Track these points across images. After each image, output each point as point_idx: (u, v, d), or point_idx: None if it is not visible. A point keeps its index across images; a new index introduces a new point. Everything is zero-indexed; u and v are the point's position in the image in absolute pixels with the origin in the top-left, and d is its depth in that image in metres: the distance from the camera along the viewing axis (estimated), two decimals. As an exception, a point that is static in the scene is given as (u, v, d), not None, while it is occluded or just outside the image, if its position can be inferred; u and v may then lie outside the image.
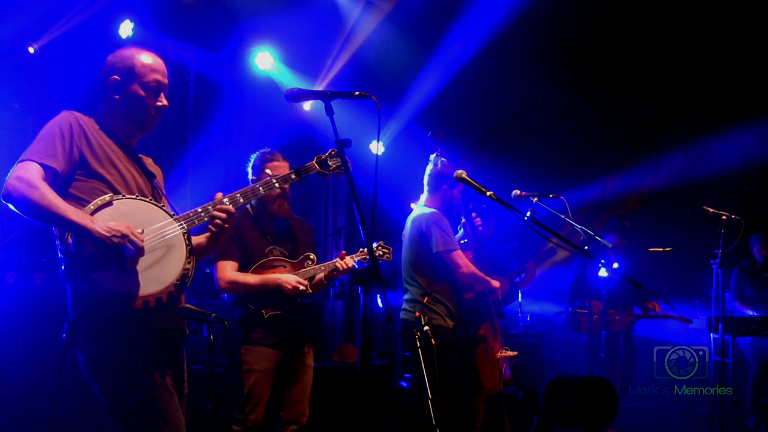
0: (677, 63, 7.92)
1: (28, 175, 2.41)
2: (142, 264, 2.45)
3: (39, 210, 2.38)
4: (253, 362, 3.95)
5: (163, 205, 2.63)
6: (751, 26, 7.35)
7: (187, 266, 2.57)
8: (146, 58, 2.75)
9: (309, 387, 4.13)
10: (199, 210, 2.69)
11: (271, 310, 3.97)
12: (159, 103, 2.74)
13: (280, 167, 3.96)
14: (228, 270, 3.92)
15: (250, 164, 4.13)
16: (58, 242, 2.47)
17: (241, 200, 2.78)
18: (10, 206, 2.42)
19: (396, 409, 5.97)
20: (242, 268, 3.97)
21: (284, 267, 4.03)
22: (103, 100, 2.76)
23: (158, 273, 2.49)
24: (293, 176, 2.94)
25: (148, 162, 2.90)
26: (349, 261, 4.06)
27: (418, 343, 4.00)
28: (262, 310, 3.95)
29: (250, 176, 4.11)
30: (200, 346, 5.65)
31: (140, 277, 2.45)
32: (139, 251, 2.43)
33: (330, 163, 3.02)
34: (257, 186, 2.86)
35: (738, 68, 7.75)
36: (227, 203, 2.72)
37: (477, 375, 4.86)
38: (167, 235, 2.57)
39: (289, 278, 3.94)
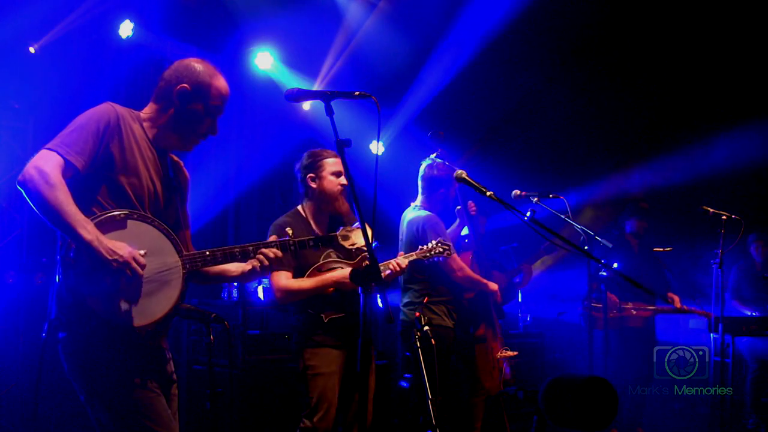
0: (678, 63, 7.92)
1: (48, 168, 2.34)
2: (132, 293, 2.43)
3: (49, 210, 2.32)
4: (320, 365, 3.76)
5: (173, 237, 2.59)
6: (751, 27, 7.35)
7: (173, 308, 2.55)
8: (222, 84, 2.72)
9: (372, 392, 3.98)
10: (207, 253, 2.67)
11: (332, 313, 3.82)
12: (211, 131, 2.73)
13: (335, 164, 3.93)
14: (282, 279, 3.80)
15: (305, 163, 4.02)
16: (60, 242, 2.45)
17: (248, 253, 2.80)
18: (22, 192, 2.37)
19: (396, 409, 5.97)
20: (299, 276, 3.84)
21: (341, 269, 3.88)
22: (156, 100, 2.70)
23: (144, 306, 2.46)
24: (311, 243, 2.95)
25: (179, 166, 2.86)
26: (403, 261, 3.97)
27: (418, 343, 4.00)
28: (321, 314, 3.81)
29: (302, 176, 4.00)
30: (200, 346, 5.65)
31: (126, 305, 2.42)
32: (137, 280, 2.41)
33: (352, 238, 3.10)
34: (272, 244, 2.86)
35: (738, 68, 7.75)
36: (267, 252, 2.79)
37: (477, 375, 4.86)
38: (167, 269, 2.54)
39: (345, 273, 3.80)
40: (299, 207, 4.07)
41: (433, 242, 4.18)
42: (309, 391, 3.75)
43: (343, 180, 3.96)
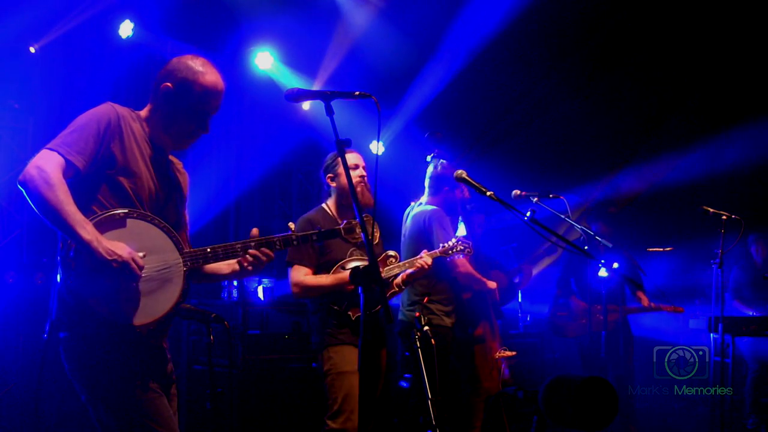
0: (678, 63, 7.92)
1: (49, 168, 2.34)
2: (133, 292, 2.42)
3: (48, 210, 2.32)
4: (343, 363, 3.67)
5: (174, 235, 2.57)
6: (751, 26, 7.34)
7: (174, 307, 2.53)
8: (209, 80, 2.64)
9: (377, 392, 3.93)
10: (208, 249, 2.65)
11: (358, 311, 3.74)
12: (202, 130, 2.68)
13: (350, 158, 3.89)
14: (300, 274, 3.74)
15: (325, 165, 4.05)
16: (60, 243, 2.44)
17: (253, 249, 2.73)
18: (23, 191, 2.36)
19: (396, 409, 5.97)
20: (321, 272, 3.78)
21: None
22: (151, 100, 2.68)
23: (145, 305, 2.45)
24: (314, 237, 2.86)
25: (178, 167, 2.84)
26: (428, 259, 3.94)
27: (417, 343, 4.00)
28: (349, 311, 3.74)
29: (324, 178, 4.03)
30: (200, 346, 5.65)
31: (127, 304, 2.41)
32: (135, 280, 2.40)
33: (357, 231, 3.03)
34: (274, 239, 2.79)
35: (738, 68, 7.75)
36: (251, 253, 2.71)
37: (476, 375, 4.86)
38: (168, 267, 2.53)
39: None
40: (324, 204, 4.07)
41: (454, 240, 4.16)
42: (333, 392, 3.64)
43: (360, 172, 3.96)
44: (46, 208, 2.32)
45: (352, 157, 4.00)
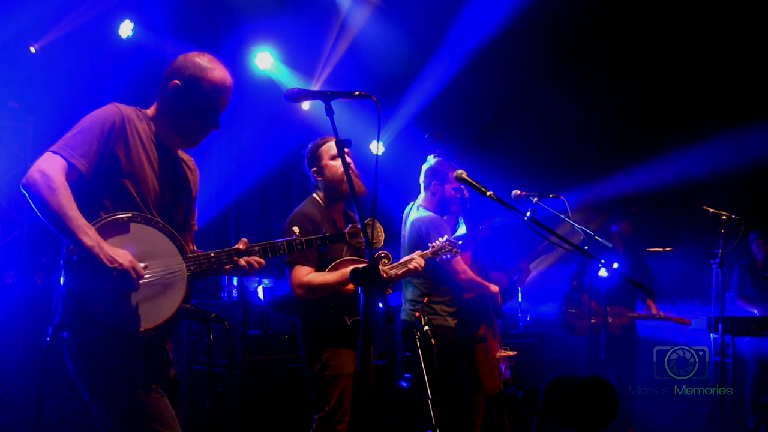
0: (678, 63, 7.92)
1: (52, 172, 2.33)
2: (135, 297, 2.42)
3: (51, 215, 2.32)
4: (340, 366, 3.62)
5: (177, 239, 2.56)
6: (751, 26, 7.35)
7: (177, 312, 2.53)
8: (217, 76, 2.63)
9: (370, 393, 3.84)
10: (212, 255, 2.64)
11: (355, 316, 3.65)
12: (213, 126, 2.67)
13: (333, 147, 3.75)
14: (303, 273, 3.60)
15: (307, 158, 3.87)
16: (64, 247, 2.44)
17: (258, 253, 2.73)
18: (25, 195, 2.36)
19: (396, 409, 5.97)
20: (319, 271, 3.65)
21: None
22: (159, 98, 2.67)
23: (148, 310, 2.45)
24: (318, 242, 2.82)
25: (189, 163, 2.83)
26: (420, 261, 3.90)
27: (418, 343, 3.99)
28: (345, 316, 3.64)
29: (310, 173, 3.85)
30: (200, 346, 5.65)
31: (129, 310, 2.41)
32: (135, 287, 2.39)
33: (361, 236, 2.99)
34: (278, 244, 2.77)
35: (738, 68, 7.75)
36: (244, 260, 2.69)
37: (477, 375, 4.85)
38: (171, 272, 2.52)
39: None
40: (315, 195, 3.88)
41: (441, 240, 4.14)
42: (327, 393, 3.61)
43: (346, 159, 3.80)
44: (49, 212, 2.32)
45: (332, 146, 3.77)
